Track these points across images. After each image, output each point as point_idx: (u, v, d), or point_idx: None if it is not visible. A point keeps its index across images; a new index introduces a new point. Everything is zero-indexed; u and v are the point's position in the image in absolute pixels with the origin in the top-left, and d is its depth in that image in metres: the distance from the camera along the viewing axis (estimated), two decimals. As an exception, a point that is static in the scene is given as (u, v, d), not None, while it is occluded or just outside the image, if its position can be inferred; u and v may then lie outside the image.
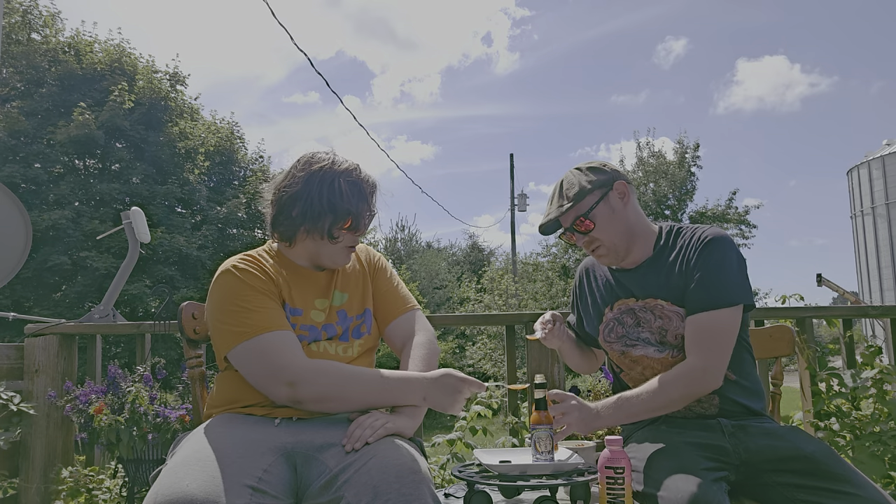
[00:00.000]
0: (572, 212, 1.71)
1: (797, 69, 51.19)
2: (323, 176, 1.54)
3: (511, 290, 15.64)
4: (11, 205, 3.53)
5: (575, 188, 1.71)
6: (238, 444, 1.31)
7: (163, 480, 1.20)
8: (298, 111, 51.93)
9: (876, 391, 2.71)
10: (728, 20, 54.51)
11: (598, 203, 1.71)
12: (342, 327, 1.59)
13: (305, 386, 1.39)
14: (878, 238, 22.95)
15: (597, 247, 1.74)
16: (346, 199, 1.53)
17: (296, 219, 1.54)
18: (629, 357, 1.75)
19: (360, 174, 1.58)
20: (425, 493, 1.21)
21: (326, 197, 1.52)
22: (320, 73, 15.21)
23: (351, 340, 1.59)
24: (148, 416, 2.72)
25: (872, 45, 58.08)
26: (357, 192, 1.55)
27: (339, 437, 1.36)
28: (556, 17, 58.60)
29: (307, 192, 1.53)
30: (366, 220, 1.59)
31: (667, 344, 1.68)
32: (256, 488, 1.21)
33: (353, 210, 1.54)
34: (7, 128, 12.53)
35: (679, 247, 1.70)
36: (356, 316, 1.63)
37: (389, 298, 1.69)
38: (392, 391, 1.45)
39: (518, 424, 2.90)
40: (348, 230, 1.56)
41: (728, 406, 1.67)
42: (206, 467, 1.21)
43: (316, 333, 1.55)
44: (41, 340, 3.07)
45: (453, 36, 52.28)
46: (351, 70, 52.11)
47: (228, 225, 14.58)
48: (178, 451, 1.36)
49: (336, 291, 1.63)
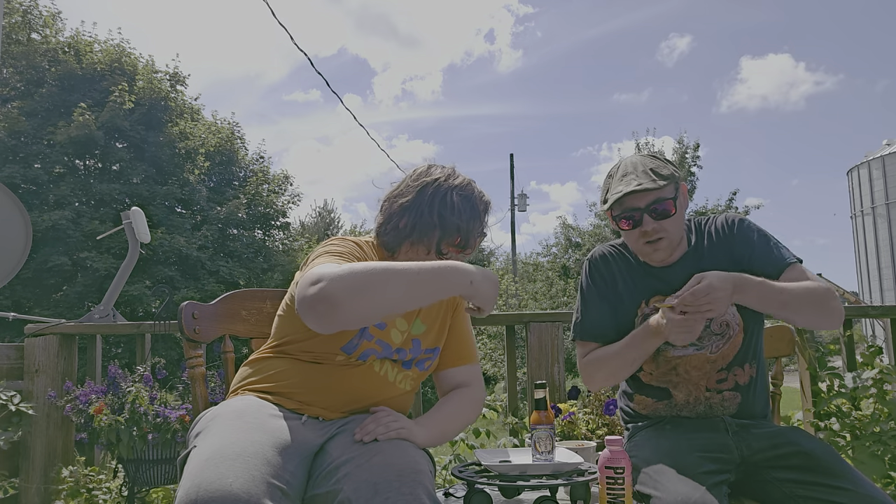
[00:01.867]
0: (656, 193, 1.61)
1: (802, 67, 51.05)
2: (437, 189, 1.49)
3: (511, 290, 15.64)
4: (11, 205, 3.53)
5: (667, 170, 1.64)
6: (273, 441, 1.27)
7: (205, 473, 1.15)
8: (299, 110, 51.97)
9: (876, 391, 2.71)
10: (733, 17, 54.38)
11: (678, 194, 1.67)
12: (412, 355, 1.54)
13: (333, 280, 1.24)
14: (878, 238, 22.95)
15: (659, 238, 1.65)
16: (458, 214, 1.48)
17: (403, 230, 1.50)
18: (663, 357, 1.70)
19: (473, 190, 1.54)
20: (425, 493, 1.21)
21: (438, 210, 1.48)
22: (320, 73, 15.24)
23: (414, 370, 1.55)
24: (148, 416, 2.72)
25: (878, 43, 57.94)
26: (470, 208, 1.51)
27: (351, 427, 1.35)
28: (560, 14, 58.51)
29: (418, 203, 1.49)
30: (475, 239, 1.54)
31: (707, 337, 1.67)
32: (285, 491, 1.19)
33: (463, 226, 1.49)
34: (7, 128, 12.54)
35: (712, 235, 1.72)
36: (426, 349, 1.57)
37: (463, 343, 1.65)
38: (438, 275, 1.31)
39: (518, 424, 2.90)
40: (456, 247, 1.52)
41: (747, 408, 1.68)
42: (247, 465, 1.17)
43: (388, 353, 1.49)
44: (41, 340, 3.07)
45: (456, 33, 52.22)
46: (352, 68, 52.18)
47: (228, 225, 14.59)
48: (209, 435, 1.29)
49: (418, 320, 1.57)
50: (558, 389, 2.92)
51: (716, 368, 1.68)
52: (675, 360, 1.69)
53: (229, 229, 14.64)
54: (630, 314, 1.73)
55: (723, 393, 1.68)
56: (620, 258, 1.79)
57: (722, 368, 1.68)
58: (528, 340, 2.99)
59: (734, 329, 1.67)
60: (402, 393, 1.53)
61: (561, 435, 2.53)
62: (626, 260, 1.78)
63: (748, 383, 1.69)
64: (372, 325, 1.42)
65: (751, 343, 1.69)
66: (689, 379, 1.69)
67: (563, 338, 3.02)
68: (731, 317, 1.67)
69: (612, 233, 20.29)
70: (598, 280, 1.78)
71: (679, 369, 1.69)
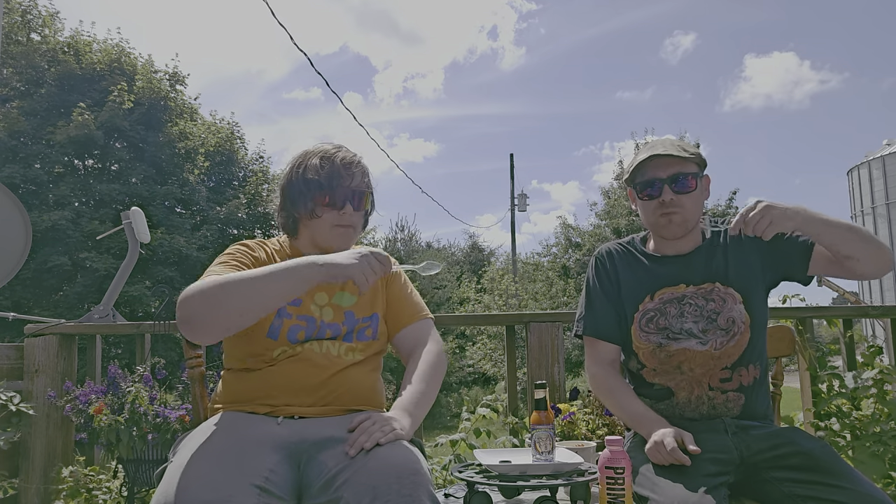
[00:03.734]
0: (680, 164, 1.67)
1: (807, 65, 50.78)
2: (302, 160, 1.60)
3: (511, 290, 15.64)
4: (11, 205, 3.52)
5: (694, 149, 1.70)
6: (243, 442, 1.32)
7: (171, 480, 1.19)
8: (300, 109, 51.89)
9: (876, 391, 2.71)
10: (738, 15, 54.01)
11: (700, 176, 1.71)
12: (347, 327, 1.59)
13: (183, 303, 1.33)
14: (878, 238, 22.94)
15: (674, 213, 1.67)
16: (317, 172, 1.56)
17: (285, 206, 1.61)
18: (666, 351, 1.69)
19: (337, 152, 1.60)
20: (425, 494, 1.21)
21: (302, 176, 1.57)
22: (320, 73, 15.22)
23: (355, 342, 1.59)
24: (148, 416, 2.72)
25: (884, 41, 57.37)
26: (329, 167, 1.57)
27: (340, 436, 1.36)
28: (564, 11, 58.27)
29: (290, 177, 1.60)
30: (345, 195, 1.57)
31: (712, 332, 1.67)
32: (264, 488, 1.20)
33: (324, 184, 1.56)
34: (7, 128, 12.54)
35: (728, 234, 1.72)
36: (363, 318, 1.62)
37: (402, 305, 1.68)
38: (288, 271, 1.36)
39: (518, 424, 2.90)
40: (329, 206, 1.57)
41: (750, 410, 1.68)
42: (214, 467, 1.21)
43: (314, 327, 1.54)
44: (41, 340, 3.07)
45: (458, 30, 52.04)
46: (354, 66, 52.06)
47: (228, 225, 14.59)
48: (182, 449, 1.35)
49: (346, 293, 1.62)
50: (558, 389, 2.92)
51: (720, 366, 1.67)
52: (679, 355, 1.68)
53: (229, 229, 14.63)
54: (633, 307, 1.74)
55: (727, 393, 1.67)
56: (626, 254, 1.80)
57: (726, 367, 1.67)
58: (528, 340, 2.99)
59: (740, 326, 1.67)
60: (353, 363, 1.55)
61: (561, 435, 2.53)
62: (633, 255, 1.79)
63: (752, 385, 1.68)
64: (251, 323, 1.40)
65: (756, 343, 1.69)
66: (692, 377, 1.68)
67: (563, 338, 3.02)
68: (738, 314, 1.67)
69: (612, 233, 20.29)
70: (603, 277, 1.80)
71: (683, 367, 1.69)
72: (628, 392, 1.73)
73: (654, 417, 1.62)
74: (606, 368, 1.76)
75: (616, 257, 1.80)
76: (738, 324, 1.67)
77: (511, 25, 51.95)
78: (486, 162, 57.99)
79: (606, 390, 1.74)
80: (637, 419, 1.66)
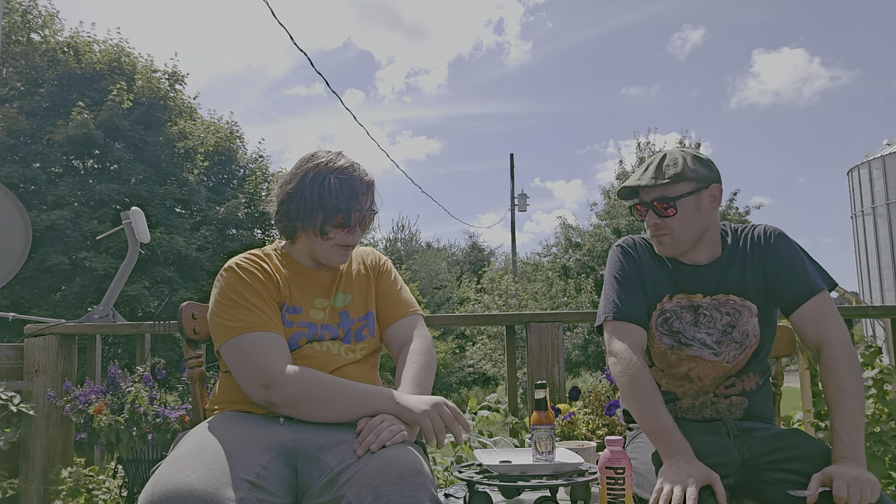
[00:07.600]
0: (660, 190, 1.65)
1: (817, 62, 50.24)
2: (317, 173, 1.56)
3: (511, 290, 15.64)
4: (11, 205, 3.52)
5: (675, 169, 1.64)
6: (238, 440, 1.33)
7: (162, 472, 1.21)
8: (300, 107, 51.77)
9: (876, 391, 2.71)
10: (748, 9, 53.44)
11: (688, 195, 1.64)
12: (344, 329, 1.60)
13: (279, 389, 1.40)
14: (878, 238, 22.93)
15: (664, 234, 1.67)
16: (336, 195, 1.53)
17: (292, 215, 1.57)
18: (678, 355, 1.68)
19: (354, 172, 1.58)
20: (427, 495, 1.21)
21: (318, 193, 1.54)
22: (320, 73, 15.21)
23: (353, 343, 1.59)
24: (148, 417, 2.72)
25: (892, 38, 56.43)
26: (348, 190, 1.55)
27: (341, 437, 1.36)
28: (573, 4, 57.79)
29: (301, 188, 1.56)
30: (357, 219, 1.58)
31: (725, 343, 1.66)
32: (254, 483, 1.22)
33: (342, 207, 1.54)
34: (6, 128, 12.53)
35: (748, 244, 1.70)
36: (358, 318, 1.63)
37: (390, 301, 1.69)
38: (363, 406, 1.42)
39: (518, 425, 2.90)
40: (339, 227, 1.57)
41: (753, 412, 1.68)
42: (205, 461, 1.23)
43: (315, 331, 1.55)
44: (41, 340, 3.07)
45: (464, 23, 51.53)
46: (356, 62, 51.80)
47: (228, 225, 14.57)
48: (177, 447, 1.37)
49: (339, 293, 1.63)
50: (558, 389, 2.92)
51: (727, 375, 1.68)
52: (689, 361, 1.68)
53: (228, 229, 14.61)
54: (652, 304, 1.71)
55: (731, 398, 1.68)
56: (650, 249, 1.76)
57: (732, 375, 1.68)
58: (528, 340, 2.99)
59: (752, 340, 1.67)
60: (353, 361, 1.57)
61: (561, 435, 2.53)
62: (654, 253, 1.76)
63: (755, 389, 1.69)
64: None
65: (764, 352, 1.70)
66: (700, 386, 1.69)
67: (563, 338, 3.02)
68: (752, 327, 1.67)
69: (613, 233, 20.30)
70: (633, 263, 1.74)
71: (691, 374, 1.69)
72: (654, 392, 1.57)
73: (680, 441, 1.49)
74: (636, 351, 1.61)
75: (641, 250, 1.77)
76: (751, 337, 1.67)
77: (517, 18, 51.55)
78: (490, 160, 57.76)
79: (629, 377, 1.58)
80: (659, 432, 1.52)
